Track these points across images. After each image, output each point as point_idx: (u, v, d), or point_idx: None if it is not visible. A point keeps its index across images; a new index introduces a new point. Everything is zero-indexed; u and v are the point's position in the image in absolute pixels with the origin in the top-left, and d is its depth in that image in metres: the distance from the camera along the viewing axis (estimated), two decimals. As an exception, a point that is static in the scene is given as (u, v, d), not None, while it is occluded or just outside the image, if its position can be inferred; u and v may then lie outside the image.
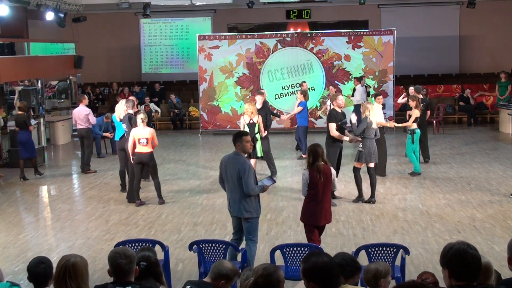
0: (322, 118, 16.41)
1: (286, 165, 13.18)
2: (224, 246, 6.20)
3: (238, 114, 16.77)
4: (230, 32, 21.02)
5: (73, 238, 8.48)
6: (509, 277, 3.90)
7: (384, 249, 5.93)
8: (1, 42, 17.61)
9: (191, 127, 19.76)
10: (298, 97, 13.61)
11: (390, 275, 4.39)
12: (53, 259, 4.29)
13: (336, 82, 17.64)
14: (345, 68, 17.77)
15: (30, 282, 4.09)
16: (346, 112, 10.70)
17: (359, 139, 9.91)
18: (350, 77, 17.52)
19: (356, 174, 9.90)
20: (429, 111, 13.34)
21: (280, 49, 17.87)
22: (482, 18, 20.63)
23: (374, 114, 10.12)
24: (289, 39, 17.88)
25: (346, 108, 12.81)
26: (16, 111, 16.22)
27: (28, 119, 12.56)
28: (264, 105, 11.94)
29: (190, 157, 14.68)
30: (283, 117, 14.96)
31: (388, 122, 12.22)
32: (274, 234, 8.32)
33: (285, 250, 6.06)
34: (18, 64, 15.84)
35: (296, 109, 13.41)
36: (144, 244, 5.86)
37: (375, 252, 5.91)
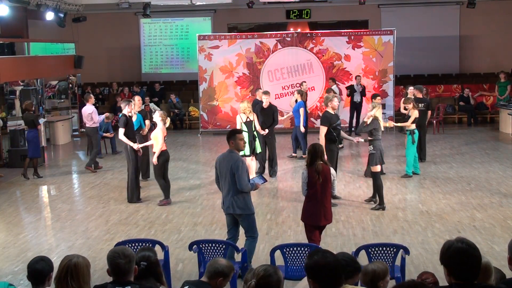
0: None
1: (286, 165, 13.17)
2: (224, 246, 6.20)
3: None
4: (230, 32, 21.00)
5: (73, 238, 8.48)
6: (509, 277, 3.90)
7: (384, 249, 5.94)
8: (1, 42, 17.59)
9: (191, 127, 19.76)
10: (295, 97, 13.58)
11: (389, 275, 4.38)
12: (53, 259, 4.30)
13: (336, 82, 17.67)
14: (345, 68, 17.77)
15: (29, 280, 4.10)
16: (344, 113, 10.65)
17: (361, 140, 9.88)
18: (351, 76, 17.53)
19: (376, 179, 9.44)
20: (429, 111, 13.32)
21: (280, 49, 17.87)
22: (482, 18, 20.63)
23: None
24: (289, 39, 17.88)
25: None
26: (16, 111, 16.28)
27: (36, 118, 12.63)
28: (270, 105, 12.00)
29: (190, 157, 14.67)
30: (281, 118, 14.76)
31: (387, 122, 12.20)
32: (274, 234, 8.32)
33: (285, 250, 6.06)
34: (18, 64, 15.83)
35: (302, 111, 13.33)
36: (144, 244, 5.86)
37: (375, 252, 5.91)
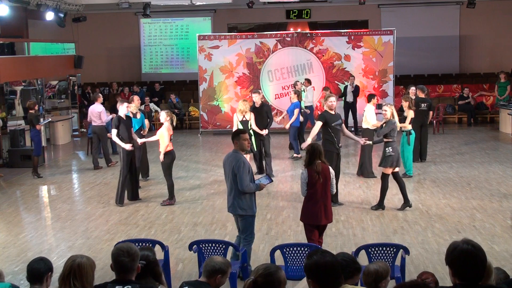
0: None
1: (286, 165, 13.18)
2: (224, 246, 6.20)
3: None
4: (230, 32, 21.01)
5: (73, 238, 8.47)
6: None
7: (384, 249, 5.94)
8: (1, 42, 17.60)
9: (191, 127, 19.77)
10: (291, 97, 13.53)
11: (390, 274, 4.39)
12: (53, 259, 4.31)
13: (336, 82, 17.69)
14: (345, 68, 17.76)
15: (28, 281, 4.11)
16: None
17: (369, 142, 9.85)
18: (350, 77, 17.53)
19: (385, 181, 9.27)
20: (431, 112, 13.30)
21: (280, 49, 17.87)
22: (482, 18, 20.64)
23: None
24: (289, 39, 17.88)
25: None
26: (16, 111, 16.29)
27: (35, 118, 12.65)
28: (262, 104, 11.91)
29: (190, 157, 14.67)
30: (277, 119, 14.14)
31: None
32: (274, 234, 8.32)
33: (285, 250, 6.06)
34: (18, 64, 15.84)
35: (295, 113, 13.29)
36: (144, 244, 5.86)
37: (375, 252, 5.91)
